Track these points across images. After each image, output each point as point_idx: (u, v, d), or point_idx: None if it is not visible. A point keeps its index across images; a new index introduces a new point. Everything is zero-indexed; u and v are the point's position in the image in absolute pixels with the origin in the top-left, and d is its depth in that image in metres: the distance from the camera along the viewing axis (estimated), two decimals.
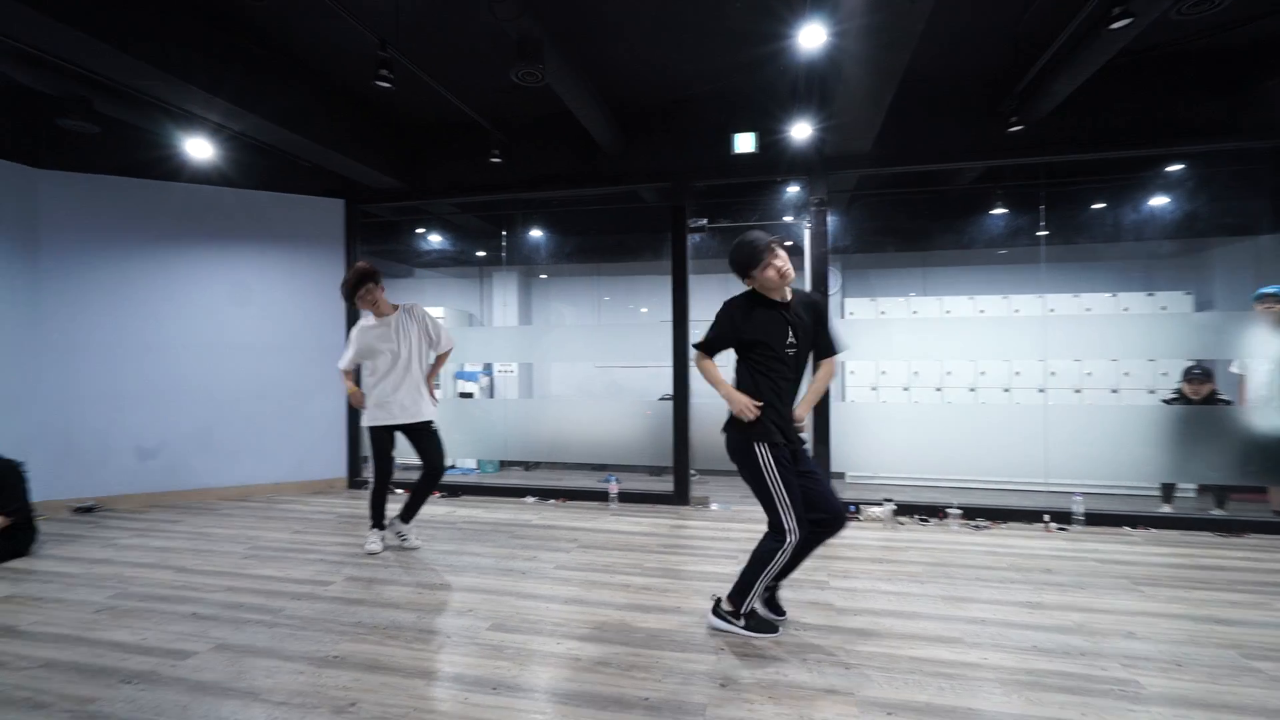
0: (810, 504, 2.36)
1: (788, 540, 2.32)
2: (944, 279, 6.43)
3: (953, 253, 6.18)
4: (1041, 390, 5.61)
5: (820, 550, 2.46)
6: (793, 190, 5.09)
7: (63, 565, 3.27)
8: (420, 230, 6.59)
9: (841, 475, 4.79)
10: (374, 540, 3.51)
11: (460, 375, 6.76)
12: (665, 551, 3.49)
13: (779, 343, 2.37)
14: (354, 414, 5.20)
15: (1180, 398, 4.44)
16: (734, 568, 3.12)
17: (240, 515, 4.31)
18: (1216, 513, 4.16)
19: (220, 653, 2.29)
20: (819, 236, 4.37)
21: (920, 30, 2.70)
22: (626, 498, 4.68)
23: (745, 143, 4.37)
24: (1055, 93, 3.53)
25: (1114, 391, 5.66)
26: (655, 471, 5.74)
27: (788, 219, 4.84)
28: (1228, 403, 4.33)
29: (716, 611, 2.50)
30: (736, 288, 2.43)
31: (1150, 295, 5.63)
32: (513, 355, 5.92)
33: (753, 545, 2.41)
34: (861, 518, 4.18)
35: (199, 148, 4.24)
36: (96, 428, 4.52)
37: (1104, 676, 2.07)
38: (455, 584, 2.97)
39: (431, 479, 3.50)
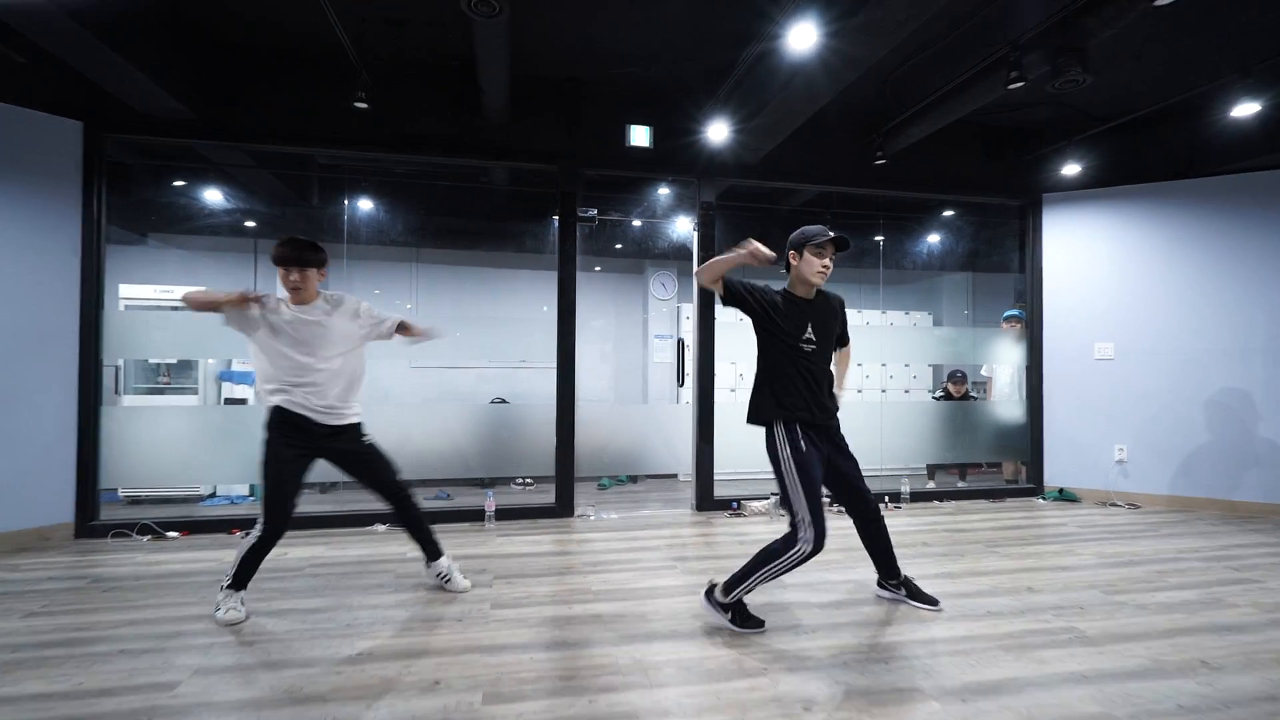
0: (855, 494, 2.51)
1: (798, 547, 2.28)
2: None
3: (770, 268, 6.86)
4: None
5: (724, 554, 2.38)
6: (663, 192, 5.11)
7: None
8: (178, 183, 4.92)
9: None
10: (231, 604, 2.47)
11: (227, 376, 5.26)
12: (596, 570, 3.14)
13: (797, 335, 2.39)
14: (87, 429, 3.62)
15: (946, 395, 5.61)
16: (676, 579, 2.98)
17: None
18: (960, 485, 5.32)
19: None
20: (706, 240, 4.44)
21: (885, 52, 2.91)
22: (503, 514, 4.12)
23: (640, 136, 4.22)
24: (911, 136, 4.16)
25: (883, 391, 6.92)
26: (486, 484, 5.20)
27: (666, 219, 4.83)
28: (977, 399, 5.63)
29: (709, 595, 2.46)
30: (596, 284, 2.35)
31: (907, 314, 7.04)
32: None
33: (675, 549, 2.30)
34: (745, 512, 4.35)
35: None
36: None
37: (1056, 627, 2.46)
38: (380, 651, 2.23)
39: (403, 504, 2.72)
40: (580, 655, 2.20)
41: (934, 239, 6.17)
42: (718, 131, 3.87)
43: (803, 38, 2.74)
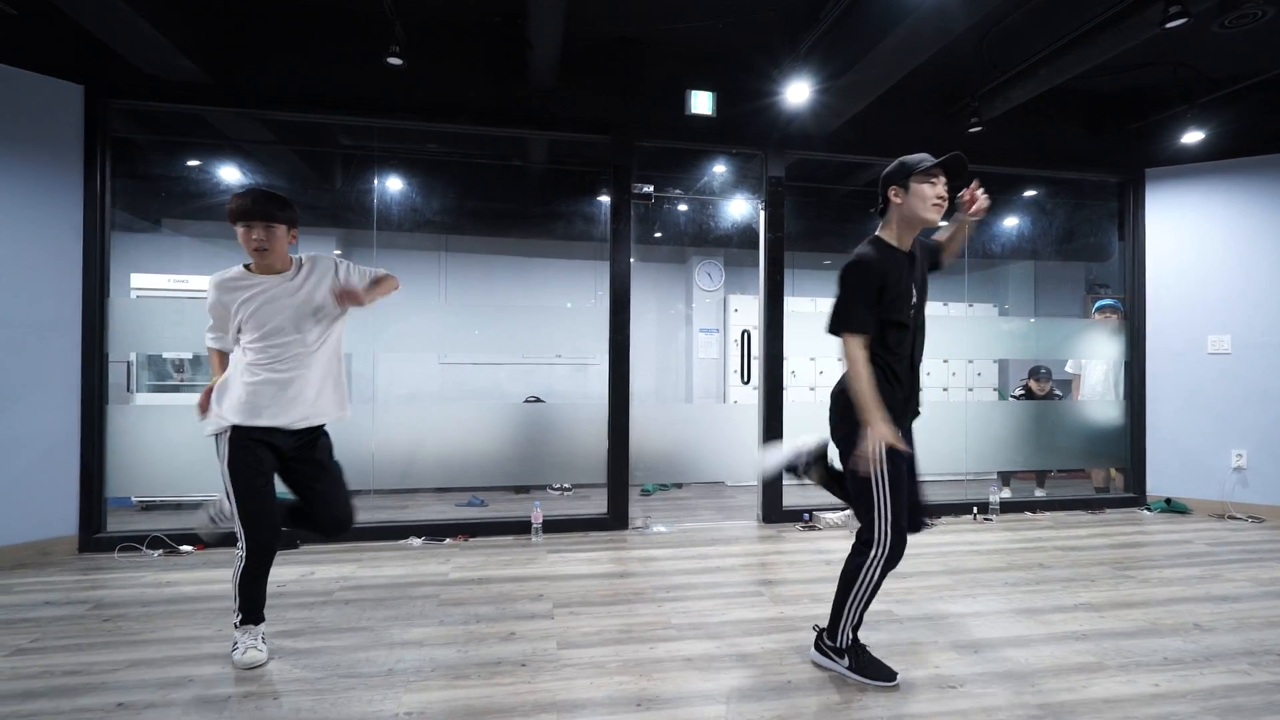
0: (914, 502, 1.99)
1: (874, 551, 1.88)
2: (808, 281, 6.62)
3: (816, 254, 6.37)
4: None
5: (812, 576, 2.04)
6: (719, 170, 4.65)
7: None
8: (193, 162, 4.53)
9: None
10: (250, 642, 2.05)
11: None
12: (667, 598, 2.69)
13: (905, 304, 1.92)
14: (92, 430, 3.24)
15: (1027, 394, 5.09)
16: (766, 610, 2.53)
17: None
18: (1039, 493, 4.79)
19: None
20: (775, 219, 3.97)
21: None
22: (550, 526, 3.69)
23: (703, 103, 3.75)
24: (1011, 99, 3.66)
25: (944, 390, 6.41)
26: (520, 490, 4.78)
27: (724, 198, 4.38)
28: (1061, 397, 5.10)
29: (819, 644, 2.07)
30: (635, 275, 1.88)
31: (970, 306, 6.51)
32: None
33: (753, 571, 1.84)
34: (819, 525, 3.88)
35: None
36: None
37: (1262, 683, 1.97)
38: (436, 708, 1.80)
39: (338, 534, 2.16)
40: (680, 717, 1.75)
41: (1011, 222, 5.63)
42: (798, 92, 3.40)
43: None
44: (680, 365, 6.36)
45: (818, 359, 5.94)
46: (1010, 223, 5.65)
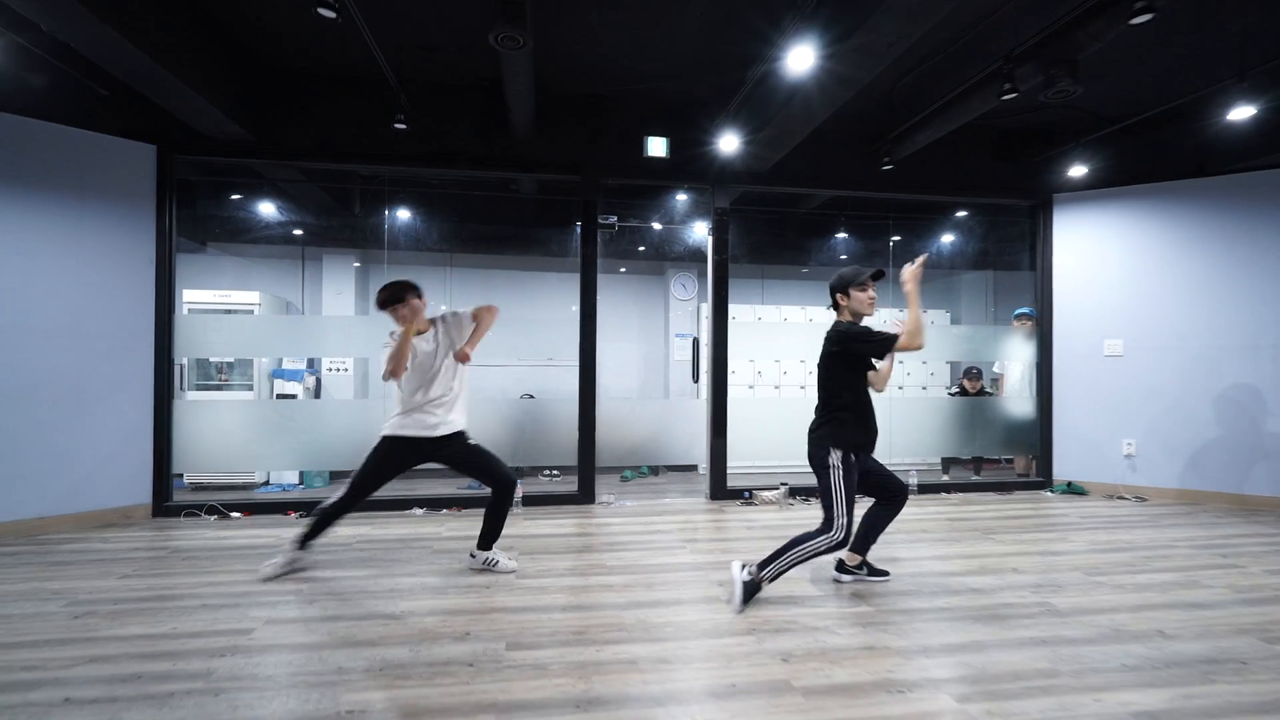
0: (884, 488, 2.77)
1: (832, 533, 2.54)
2: (779, 291, 7.33)
3: (789, 268, 7.09)
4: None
5: (731, 536, 2.73)
6: (681, 198, 5.37)
7: None
8: (235, 196, 5.39)
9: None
10: (280, 559, 2.93)
11: (278, 374, 5.70)
12: (612, 549, 3.44)
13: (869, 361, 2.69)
14: (162, 420, 4.07)
15: (961, 391, 5.75)
16: (684, 557, 3.27)
17: (6, 565, 3.10)
18: (975, 478, 5.48)
19: None
20: (720, 244, 4.70)
21: (877, 73, 3.14)
22: (529, 500, 4.46)
23: (658, 146, 4.50)
24: (917, 142, 4.35)
25: (899, 388, 7.06)
26: (516, 474, 5.52)
27: (687, 224, 5.10)
28: (991, 394, 5.75)
29: (746, 566, 2.65)
30: (620, 286, 2.61)
31: (924, 312, 7.15)
32: (348, 349, 5.02)
33: (687, 532, 2.55)
34: (756, 501, 4.59)
35: None
36: None
37: (1029, 602, 2.66)
38: (419, 609, 2.56)
39: (506, 494, 3.03)
40: (592, 615, 2.50)
41: (948, 239, 6.30)
42: (729, 143, 4.13)
43: (801, 60, 2.98)
44: (659, 365, 7.10)
45: (756, 360, 6.60)
46: (947, 238, 6.31)
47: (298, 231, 6.10)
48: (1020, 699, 1.89)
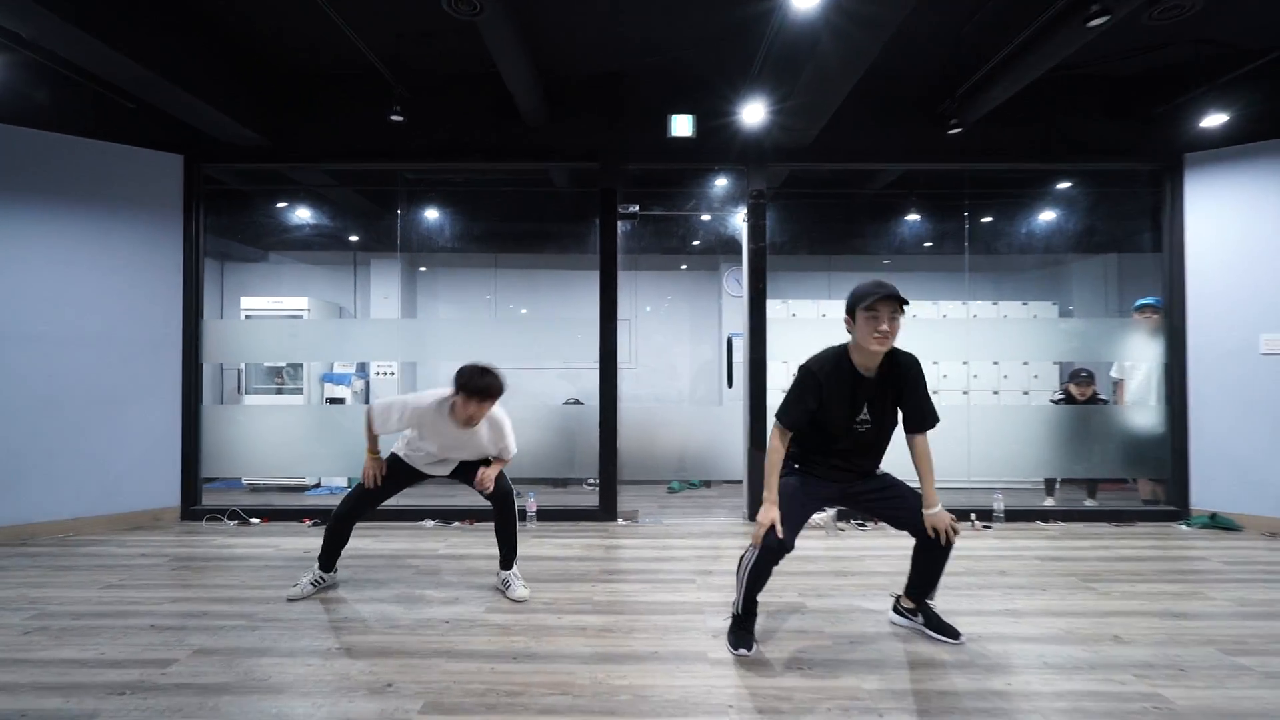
0: (902, 526, 2.24)
1: (747, 548, 2.20)
2: (848, 283, 6.55)
3: (860, 258, 6.32)
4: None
5: (780, 565, 2.18)
6: (721, 183, 4.85)
7: None
8: (282, 204, 5.50)
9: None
10: (307, 578, 2.80)
11: (328, 378, 5.75)
12: (609, 579, 3.01)
13: (849, 420, 2.15)
14: (190, 425, 4.12)
15: (1067, 398, 4.77)
16: (687, 594, 2.78)
17: (19, 567, 3.16)
18: (1089, 503, 4.50)
19: None
20: (756, 231, 4.14)
21: (906, 11, 2.51)
22: (545, 515, 4.12)
23: (683, 125, 4.02)
24: (993, 98, 3.58)
25: (995, 393, 6.07)
26: (559, 483, 5.21)
27: (729, 211, 4.59)
28: (1106, 402, 4.73)
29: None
30: (671, 283, 2.14)
31: (1025, 304, 6.12)
32: (394, 353, 4.95)
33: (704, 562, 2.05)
34: None
35: None
36: None
37: (1129, 692, 1.94)
38: (360, 646, 2.27)
39: (505, 506, 2.79)
40: (540, 670, 2.09)
41: (1046, 216, 5.30)
42: (753, 113, 3.58)
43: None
44: (713, 369, 6.56)
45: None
46: (1046, 216, 5.31)
47: (354, 238, 6.18)
48: None
